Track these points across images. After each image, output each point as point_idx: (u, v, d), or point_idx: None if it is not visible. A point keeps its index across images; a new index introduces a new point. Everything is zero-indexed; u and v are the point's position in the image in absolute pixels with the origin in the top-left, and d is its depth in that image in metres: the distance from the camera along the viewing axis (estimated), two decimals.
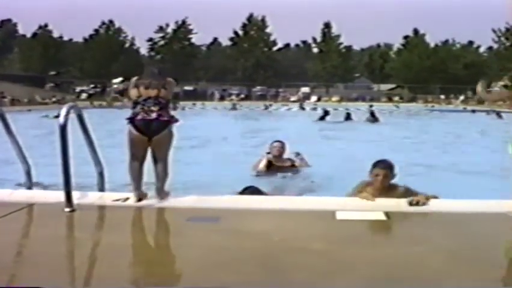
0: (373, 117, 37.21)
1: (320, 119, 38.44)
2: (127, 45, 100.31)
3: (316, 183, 11.34)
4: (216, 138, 22.78)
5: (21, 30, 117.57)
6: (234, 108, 60.63)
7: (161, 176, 7.35)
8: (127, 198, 7.38)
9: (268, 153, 12.60)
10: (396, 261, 5.33)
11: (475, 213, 7.06)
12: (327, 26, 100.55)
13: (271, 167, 12.48)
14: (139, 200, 7.28)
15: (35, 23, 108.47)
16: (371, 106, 49.59)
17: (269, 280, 4.68)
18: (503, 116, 41.34)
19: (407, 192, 7.51)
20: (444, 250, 5.53)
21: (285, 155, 12.89)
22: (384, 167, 7.70)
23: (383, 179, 7.56)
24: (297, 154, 13.21)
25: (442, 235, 6.17)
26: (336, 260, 5.34)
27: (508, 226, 6.81)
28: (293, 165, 12.77)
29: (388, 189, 7.59)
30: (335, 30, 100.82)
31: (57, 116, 7.23)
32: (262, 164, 12.41)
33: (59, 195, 6.92)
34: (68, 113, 7.00)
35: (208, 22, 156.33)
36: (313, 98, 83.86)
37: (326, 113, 39.90)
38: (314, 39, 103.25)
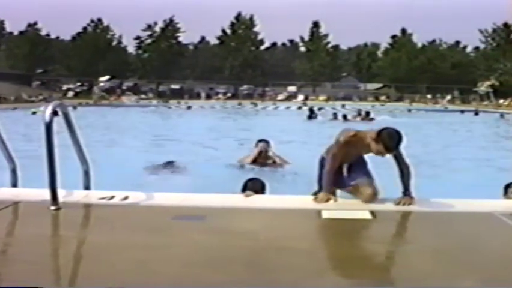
0: (360, 115, 37.98)
1: (308, 118, 38.78)
2: (114, 43, 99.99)
3: (302, 181, 11.44)
4: None
5: (8, 27, 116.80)
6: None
7: None
8: (113, 197, 7.39)
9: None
10: (382, 261, 5.36)
11: (461, 212, 7.10)
12: (316, 25, 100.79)
13: (255, 163, 12.95)
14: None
15: (22, 20, 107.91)
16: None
17: (255, 279, 4.68)
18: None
19: None
20: (430, 250, 5.54)
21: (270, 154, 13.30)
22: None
23: None
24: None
25: (428, 234, 6.18)
26: (322, 260, 5.36)
27: (494, 225, 6.83)
28: (274, 163, 13.15)
29: None
30: (323, 29, 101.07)
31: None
32: (248, 159, 12.97)
33: (45, 194, 6.89)
34: (53, 111, 6.97)
35: (196, 21, 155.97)
36: (300, 97, 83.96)
37: (312, 111, 40.27)
38: (302, 38, 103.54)
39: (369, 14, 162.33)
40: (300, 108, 58.93)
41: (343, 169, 7.54)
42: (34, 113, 35.30)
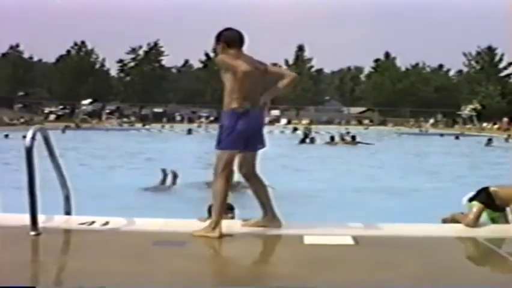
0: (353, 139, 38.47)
1: (301, 142, 39.03)
2: (97, 66, 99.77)
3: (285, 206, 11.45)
4: None
5: None
6: None
7: None
8: (93, 222, 7.33)
9: None
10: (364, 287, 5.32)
11: (443, 237, 7.08)
12: (301, 48, 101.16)
13: None
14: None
15: (4, 42, 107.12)
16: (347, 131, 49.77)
17: None
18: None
19: None
20: (411, 275, 5.53)
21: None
22: None
23: None
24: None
25: (409, 260, 6.16)
26: (305, 285, 5.31)
27: (476, 250, 6.83)
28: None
29: None
30: (307, 53, 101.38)
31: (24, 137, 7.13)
32: None
33: (25, 219, 6.83)
34: (34, 135, 6.93)
35: (180, 44, 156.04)
36: (283, 121, 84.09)
37: (306, 135, 40.64)
38: (286, 62, 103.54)
39: (353, 37, 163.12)
40: (282, 132, 59.01)
41: None
42: (6, 136, 35.42)
